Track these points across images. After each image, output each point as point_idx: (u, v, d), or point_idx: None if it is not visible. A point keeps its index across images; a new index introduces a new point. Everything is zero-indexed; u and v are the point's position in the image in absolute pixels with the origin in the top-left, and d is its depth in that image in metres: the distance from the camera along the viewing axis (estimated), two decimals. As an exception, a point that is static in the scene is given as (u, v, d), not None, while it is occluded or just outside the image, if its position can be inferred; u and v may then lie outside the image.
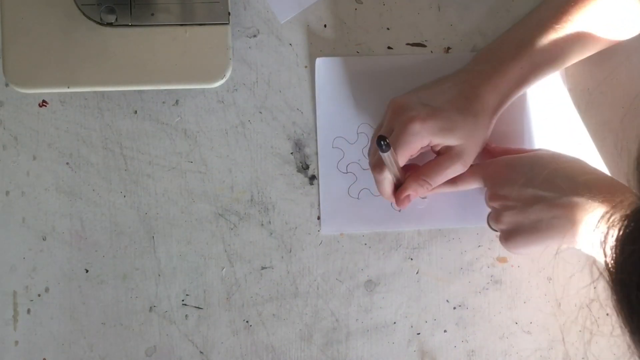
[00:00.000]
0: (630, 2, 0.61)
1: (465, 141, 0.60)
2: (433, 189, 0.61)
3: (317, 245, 0.67)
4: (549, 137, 0.67)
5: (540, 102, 0.67)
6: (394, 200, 0.62)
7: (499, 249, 0.68)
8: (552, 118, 0.67)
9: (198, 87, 0.66)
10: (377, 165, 0.60)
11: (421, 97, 0.61)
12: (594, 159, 0.67)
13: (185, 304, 0.67)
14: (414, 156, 0.61)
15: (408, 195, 0.61)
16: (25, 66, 0.62)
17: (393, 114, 0.61)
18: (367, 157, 0.67)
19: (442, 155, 0.61)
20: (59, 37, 0.63)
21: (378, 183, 0.62)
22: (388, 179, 0.61)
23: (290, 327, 0.67)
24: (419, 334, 0.67)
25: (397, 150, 0.58)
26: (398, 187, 0.62)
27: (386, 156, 0.56)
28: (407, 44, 0.68)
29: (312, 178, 0.67)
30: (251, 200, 0.67)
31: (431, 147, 0.61)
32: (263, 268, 0.67)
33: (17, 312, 0.67)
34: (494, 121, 0.62)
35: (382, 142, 0.53)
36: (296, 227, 0.67)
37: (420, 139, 0.59)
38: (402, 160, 0.60)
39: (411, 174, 0.61)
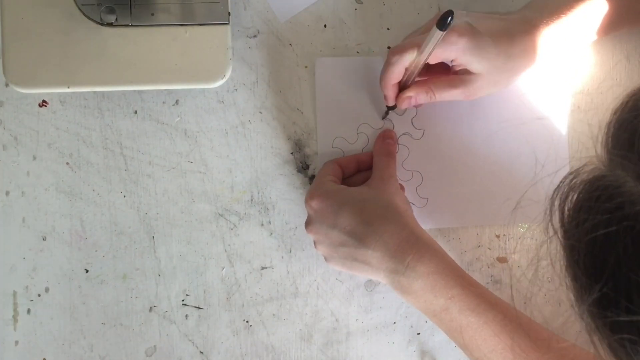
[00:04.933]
0: None
1: (485, 74, 0.60)
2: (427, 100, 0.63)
3: (317, 245, 0.67)
4: (543, 134, 0.67)
5: (540, 101, 0.67)
6: (389, 94, 0.63)
7: (499, 249, 0.68)
8: (550, 116, 0.67)
9: (198, 87, 0.66)
10: (402, 48, 0.60)
11: (469, 16, 0.61)
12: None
13: (185, 304, 0.67)
14: (432, 63, 0.61)
15: (409, 98, 0.62)
16: (25, 66, 0.62)
17: (436, 18, 0.60)
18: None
19: (457, 75, 0.61)
20: (59, 37, 0.63)
21: (389, 65, 0.60)
22: (403, 64, 0.60)
23: (290, 327, 0.67)
24: (419, 334, 0.67)
25: (426, 48, 0.58)
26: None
27: (438, 35, 0.55)
28: (407, 44, 0.68)
29: (312, 178, 0.67)
30: (251, 200, 0.67)
31: (452, 64, 0.61)
32: (263, 268, 0.67)
33: (17, 312, 0.67)
34: (520, 75, 0.61)
35: (449, 18, 0.53)
36: (296, 227, 0.67)
37: (450, 49, 0.58)
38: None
39: (419, 81, 0.62)
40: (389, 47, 0.67)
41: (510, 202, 0.65)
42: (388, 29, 0.68)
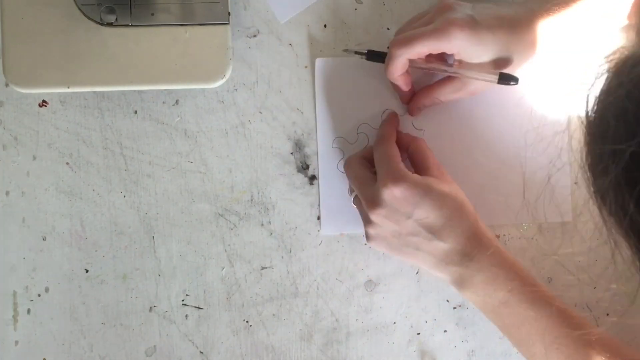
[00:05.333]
0: None
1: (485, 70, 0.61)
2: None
3: (317, 245, 0.67)
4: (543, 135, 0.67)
5: (537, 99, 0.67)
6: (398, 83, 0.64)
7: (499, 249, 0.68)
8: (549, 115, 0.67)
9: (198, 87, 0.66)
10: (404, 41, 0.60)
11: (473, 7, 0.61)
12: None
13: (185, 304, 0.67)
14: (432, 54, 0.61)
15: (419, 109, 0.66)
16: (25, 66, 0.62)
17: (439, 10, 0.60)
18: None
19: (457, 78, 0.62)
20: (59, 37, 0.63)
21: (392, 59, 0.61)
22: (406, 56, 0.60)
23: (290, 327, 0.67)
24: (419, 334, 0.67)
25: (426, 40, 0.59)
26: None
27: (487, 78, 0.59)
28: (407, 44, 0.68)
29: (312, 178, 0.67)
30: (251, 200, 0.67)
31: (453, 58, 0.61)
32: (263, 268, 0.67)
33: (17, 312, 0.67)
34: (519, 67, 0.61)
35: (511, 81, 0.56)
36: (296, 227, 0.67)
37: (452, 43, 0.59)
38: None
39: (424, 91, 0.64)
40: (389, 47, 0.67)
41: (509, 200, 0.66)
42: (388, 29, 0.68)
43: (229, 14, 0.63)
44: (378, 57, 0.64)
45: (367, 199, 0.61)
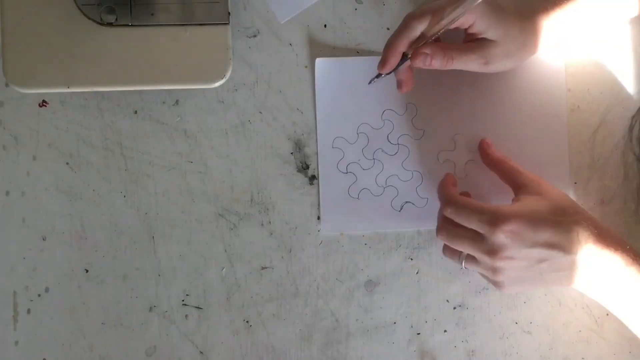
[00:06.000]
0: None
1: (500, 42, 0.60)
2: (445, 64, 0.61)
3: (317, 245, 0.67)
4: (544, 135, 0.67)
5: (539, 101, 0.67)
6: (392, 60, 0.61)
7: (499, 249, 0.68)
8: (550, 115, 0.67)
9: (198, 87, 0.66)
10: (421, 13, 0.59)
11: None
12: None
13: (185, 304, 0.67)
14: (448, 28, 0.60)
15: (426, 55, 0.60)
16: (25, 66, 0.62)
17: None
18: (367, 158, 0.67)
19: (476, 43, 0.61)
20: (59, 37, 0.63)
21: (405, 29, 0.60)
22: (420, 29, 0.59)
23: (290, 327, 0.67)
24: (419, 334, 0.67)
25: (447, 8, 0.58)
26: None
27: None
28: (407, 44, 0.68)
29: (312, 178, 0.67)
30: (251, 200, 0.67)
31: (468, 32, 0.60)
32: (263, 268, 0.67)
33: (17, 312, 0.67)
34: (530, 51, 0.62)
35: None
36: (296, 227, 0.67)
37: (469, 14, 0.58)
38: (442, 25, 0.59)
39: (440, 43, 0.61)
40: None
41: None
42: (388, 29, 0.68)
43: (229, 14, 0.63)
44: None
45: (485, 251, 0.58)
